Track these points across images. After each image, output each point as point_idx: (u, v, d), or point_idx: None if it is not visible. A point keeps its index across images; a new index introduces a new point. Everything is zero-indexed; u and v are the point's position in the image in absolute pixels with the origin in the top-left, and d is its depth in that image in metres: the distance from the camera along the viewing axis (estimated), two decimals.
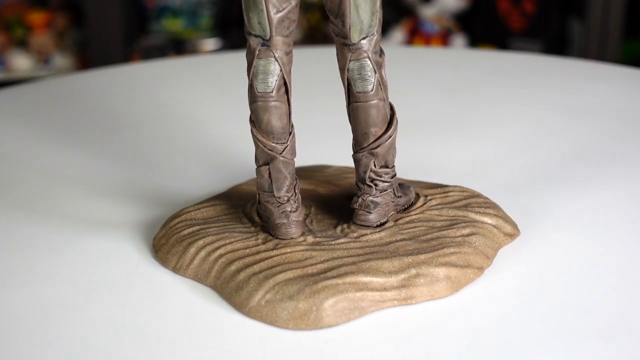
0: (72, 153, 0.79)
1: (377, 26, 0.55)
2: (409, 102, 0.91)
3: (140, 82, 1.00)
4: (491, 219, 0.60)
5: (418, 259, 0.55)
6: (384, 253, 0.56)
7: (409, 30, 1.98)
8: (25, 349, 0.51)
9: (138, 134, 0.84)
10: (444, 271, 0.55)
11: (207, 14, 2.03)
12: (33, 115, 0.90)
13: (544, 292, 0.55)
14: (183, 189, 0.71)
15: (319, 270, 0.54)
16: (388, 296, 0.54)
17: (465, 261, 0.56)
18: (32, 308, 0.54)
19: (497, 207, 0.62)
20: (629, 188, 0.69)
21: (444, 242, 0.57)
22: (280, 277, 0.53)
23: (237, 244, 0.57)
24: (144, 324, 0.52)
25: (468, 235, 0.58)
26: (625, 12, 1.84)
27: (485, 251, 0.58)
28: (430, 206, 0.61)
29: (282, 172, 0.56)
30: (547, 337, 0.51)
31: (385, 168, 0.58)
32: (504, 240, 0.60)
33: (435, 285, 0.54)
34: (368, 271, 0.54)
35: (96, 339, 0.51)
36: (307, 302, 0.52)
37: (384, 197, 0.58)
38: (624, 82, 0.96)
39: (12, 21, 1.97)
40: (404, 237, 0.58)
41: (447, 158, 0.76)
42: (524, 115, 0.86)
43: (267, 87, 0.55)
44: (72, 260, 0.60)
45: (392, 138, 0.57)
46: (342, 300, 0.52)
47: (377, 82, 0.55)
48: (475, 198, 0.62)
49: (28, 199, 0.70)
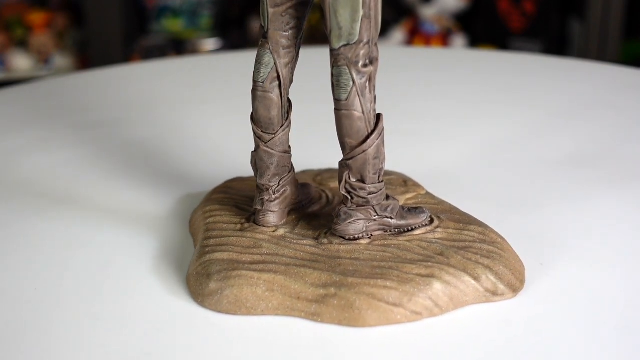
0: (72, 153, 0.79)
1: (364, 36, 0.52)
2: (408, 102, 0.91)
3: (140, 82, 1.00)
4: (477, 269, 0.54)
5: (346, 281, 0.52)
6: (324, 265, 0.54)
7: (409, 30, 1.98)
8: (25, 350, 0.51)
9: (138, 134, 0.84)
10: (362, 301, 0.51)
11: (207, 14, 2.03)
12: (33, 115, 0.90)
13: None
14: (184, 188, 0.71)
15: (251, 260, 0.55)
16: (297, 306, 0.52)
17: (395, 299, 0.51)
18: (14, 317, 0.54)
19: (502, 258, 0.55)
20: (633, 189, 0.69)
21: (389, 273, 0.53)
22: (216, 256, 0.55)
23: (224, 217, 0.60)
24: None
25: (425, 276, 0.53)
26: (625, 12, 1.84)
27: (435, 298, 0.52)
28: (427, 238, 0.56)
29: (264, 161, 0.57)
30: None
31: (361, 183, 0.55)
32: (480, 296, 0.53)
33: (345, 311, 0.51)
34: (292, 275, 0.53)
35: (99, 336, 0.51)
36: (217, 284, 0.53)
37: (362, 212, 0.56)
38: (624, 82, 0.96)
39: (12, 21, 1.97)
40: (361, 256, 0.55)
41: (443, 159, 0.76)
42: (524, 115, 0.86)
43: (259, 77, 0.56)
44: (71, 260, 0.60)
45: (365, 153, 0.54)
46: (248, 294, 0.53)
47: (355, 93, 0.53)
48: (483, 244, 0.56)
49: (28, 199, 0.70)
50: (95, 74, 1.04)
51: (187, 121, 0.87)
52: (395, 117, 0.87)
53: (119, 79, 1.01)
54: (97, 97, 0.95)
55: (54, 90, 0.98)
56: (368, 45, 0.52)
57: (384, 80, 0.97)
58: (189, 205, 0.67)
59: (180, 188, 0.71)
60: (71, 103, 0.93)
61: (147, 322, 0.53)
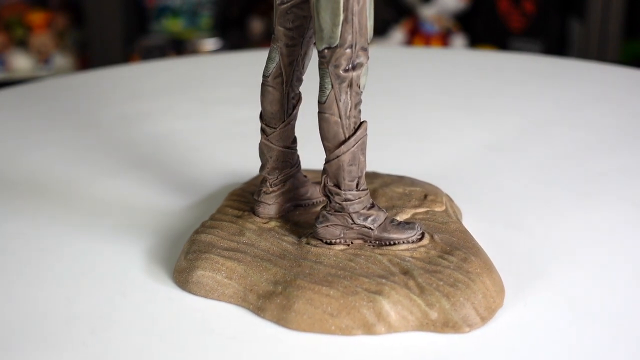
0: (72, 153, 0.79)
1: (346, 40, 0.51)
2: (407, 102, 0.91)
3: (140, 82, 1.00)
4: (433, 296, 0.51)
5: (295, 282, 0.52)
6: (287, 263, 0.54)
7: (409, 30, 1.98)
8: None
9: (138, 134, 0.84)
10: (300, 304, 0.51)
11: (207, 14, 2.03)
12: (33, 115, 0.90)
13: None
14: (184, 188, 0.71)
15: (226, 246, 0.56)
16: (248, 297, 0.53)
17: (333, 310, 0.50)
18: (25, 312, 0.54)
19: (467, 290, 0.51)
20: (633, 191, 0.69)
21: (338, 283, 0.52)
22: (201, 237, 0.57)
23: (235, 204, 0.62)
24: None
25: (373, 292, 0.51)
26: (625, 12, 1.84)
27: (377, 316, 0.50)
28: (402, 255, 0.54)
29: (264, 153, 0.58)
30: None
31: (337, 188, 0.54)
32: (428, 324, 0.50)
33: (284, 312, 0.51)
34: (254, 267, 0.54)
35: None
36: (186, 263, 0.56)
37: (339, 218, 0.55)
38: (624, 82, 0.96)
39: (12, 21, 1.97)
40: (325, 261, 0.54)
41: (443, 159, 0.76)
42: (524, 115, 0.86)
43: (266, 71, 0.57)
44: (69, 259, 0.60)
45: (339, 159, 0.53)
46: (209, 278, 0.54)
47: (333, 97, 0.52)
48: (456, 272, 0.52)
49: (27, 199, 0.70)
50: (95, 74, 1.04)
51: (188, 121, 0.87)
52: (395, 117, 0.87)
53: (119, 79, 1.01)
54: (97, 97, 0.95)
55: (54, 90, 0.98)
56: (350, 50, 0.51)
57: (383, 80, 0.98)
58: (199, 206, 0.67)
59: (182, 187, 0.71)
60: (71, 103, 0.93)
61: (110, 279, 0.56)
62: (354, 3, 0.50)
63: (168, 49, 1.98)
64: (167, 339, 0.51)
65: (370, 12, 0.52)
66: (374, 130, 0.71)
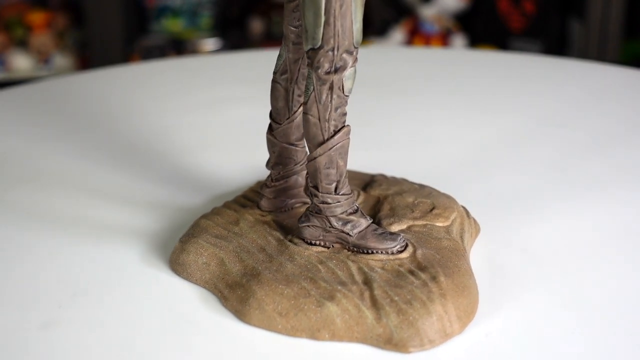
0: (72, 153, 0.79)
1: (328, 42, 0.51)
2: (407, 102, 0.91)
3: (140, 82, 1.00)
4: (383, 310, 0.50)
5: (258, 276, 0.53)
6: (262, 257, 0.55)
7: (408, 30, 1.98)
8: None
9: (138, 134, 0.84)
10: (254, 299, 0.52)
11: (207, 14, 2.03)
12: (33, 115, 0.90)
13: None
14: (185, 188, 0.71)
15: (217, 234, 0.57)
16: (219, 285, 0.55)
17: (282, 309, 0.51)
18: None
19: (422, 309, 0.49)
20: (632, 192, 0.69)
21: (296, 284, 0.52)
22: (202, 222, 0.59)
23: (249, 193, 0.63)
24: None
25: (325, 297, 0.51)
26: (625, 12, 1.84)
27: (322, 322, 0.50)
28: (372, 265, 0.53)
29: (269, 147, 0.59)
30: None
31: (315, 190, 0.54)
32: (372, 338, 0.49)
33: (240, 304, 0.52)
34: (231, 257, 0.55)
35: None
36: (179, 245, 0.58)
37: (318, 219, 0.55)
38: (624, 82, 0.96)
39: (12, 21, 1.97)
40: (296, 260, 0.54)
41: (443, 159, 0.76)
42: (524, 115, 0.86)
43: (276, 68, 0.58)
44: (70, 264, 0.60)
45: (315, 161, 0.53)
46: (191, 261, 0.56)
47: (313, 98, 0.52)
48: (419, 289, 0.51)
49: (27, 199, 0.70)
50: (95, 74, 1.04)
51: (188, 121, 0.87)
52: (395, 117, 0.87)
53: (119, 79, 1.01)
54: (97, 97, 0.95)
55: (54, 90, 0.98)
56: (332, 53, 0.51)
57: (384, 80, 0.98)
58: (206, 208, 0.68)
59: (183, 186, 0.71)
60: (71, 103, 0.93)
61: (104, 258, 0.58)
62: (336, 5, 0.50)
63: (168, 49, 1.98)
64: (130, 315, 0.53)
65: (356, 15, 0.51)
66: (374, 130, 0.72)
